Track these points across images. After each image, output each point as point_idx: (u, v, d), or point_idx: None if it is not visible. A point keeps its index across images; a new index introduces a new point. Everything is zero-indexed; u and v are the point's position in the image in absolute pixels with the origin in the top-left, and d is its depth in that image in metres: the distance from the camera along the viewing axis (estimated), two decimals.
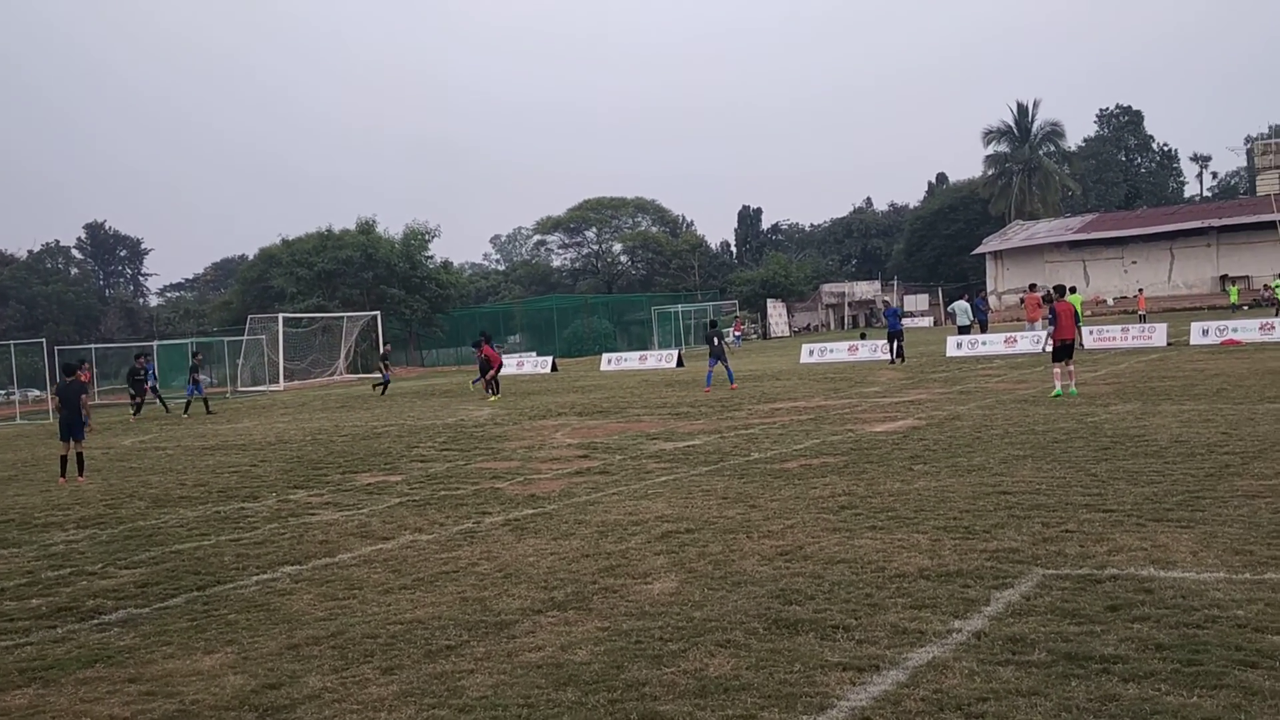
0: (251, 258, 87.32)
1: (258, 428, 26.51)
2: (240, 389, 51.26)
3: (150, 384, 35.30)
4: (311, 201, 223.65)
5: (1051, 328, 20.51)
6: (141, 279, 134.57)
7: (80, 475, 17.05)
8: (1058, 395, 19.22)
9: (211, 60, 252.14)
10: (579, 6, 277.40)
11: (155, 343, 55.83)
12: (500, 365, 33.13)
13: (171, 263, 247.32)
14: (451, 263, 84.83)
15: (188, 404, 34.43)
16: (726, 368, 28.38)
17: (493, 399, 30.71)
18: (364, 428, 23.80)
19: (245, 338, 54.69)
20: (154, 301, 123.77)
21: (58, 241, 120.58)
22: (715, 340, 28.42)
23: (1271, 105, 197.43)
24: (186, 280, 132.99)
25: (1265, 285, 63.90)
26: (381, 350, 37.81)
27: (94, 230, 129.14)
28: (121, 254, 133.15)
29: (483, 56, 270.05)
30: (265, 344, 53.09)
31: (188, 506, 13.47)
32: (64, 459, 17.14)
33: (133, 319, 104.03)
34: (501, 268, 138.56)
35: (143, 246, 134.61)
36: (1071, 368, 19.91)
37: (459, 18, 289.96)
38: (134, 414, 33.64)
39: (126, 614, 8.06)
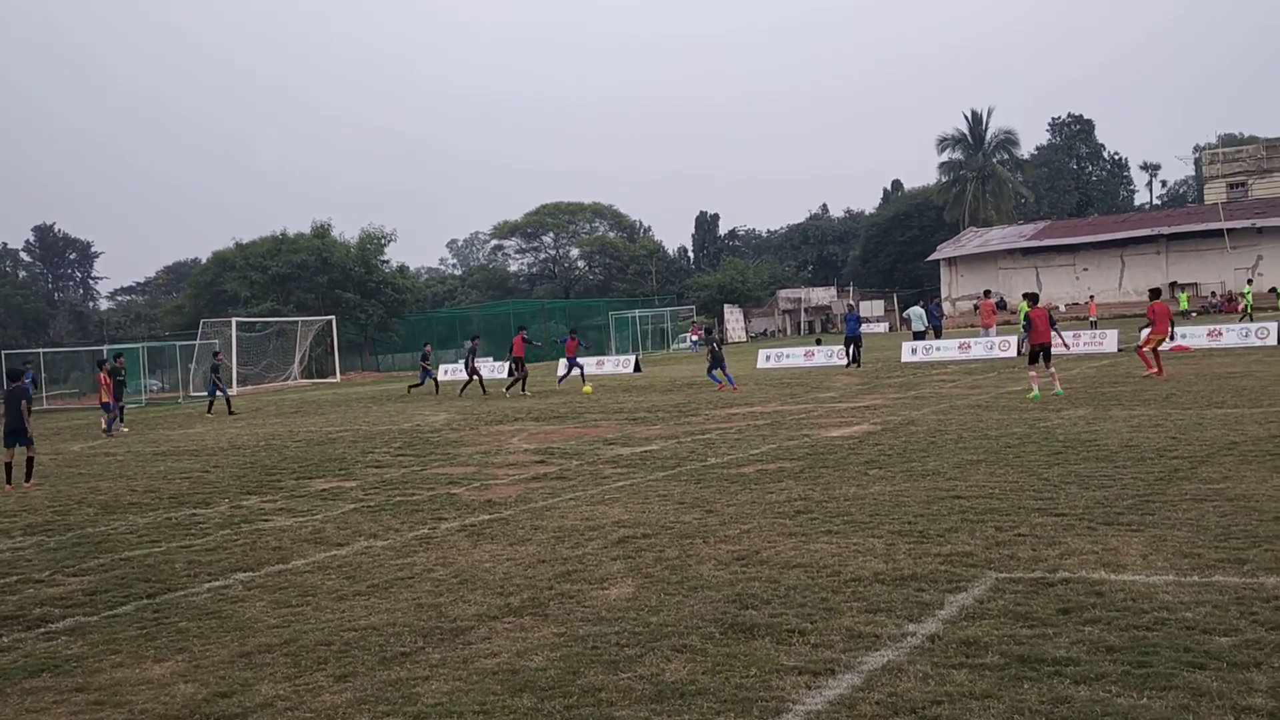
0: (204, 261, 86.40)
1: (210, 433, 26.20)
2: (193, 394, 50.65)
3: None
4: (265, 199, 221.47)
5: (1025, 334, 21.17)
6: (91, 282, 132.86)
7: (27, 481, 16.77)
8: (1036, 398, 19.54)
9: (171, 41, 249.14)
10: (539, 7, 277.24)
11: (105, 347, 55.02)
12: (524, 368, 32.21)
13: (122, 266, 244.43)
14: (408, 267, 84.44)
15: (210, 403, 33.95)
16: (725, 372, 28.57)
17: (527, 395, 31.15)
18: (318, 433, 23.59)
19: (198, 342, 54.06)
20: (104, 305, 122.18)
21: (5, 244, 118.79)
22: (715, 347, 29.32)
23: (1220, 115, 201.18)
24: (138, 284, 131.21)
25: (1230, 293, 65.02)
26: (423, 351, 37.71)
27: (42, 233, 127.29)
28: (71, 257, 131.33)
29: (444, 53, 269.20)
30: (219, 348, 52.48)
31: (138, 513, 13.28)
32: (8, 465, 16.84)
33: (82, 323, 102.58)
34: (458, 272, 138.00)
35: (93, 250, 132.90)
36: (1052, 369, 20.53)
37: (419, 12, 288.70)
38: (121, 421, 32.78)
39: (74, 622, 7.93)
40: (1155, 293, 23.38)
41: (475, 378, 34.05)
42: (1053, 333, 20.95)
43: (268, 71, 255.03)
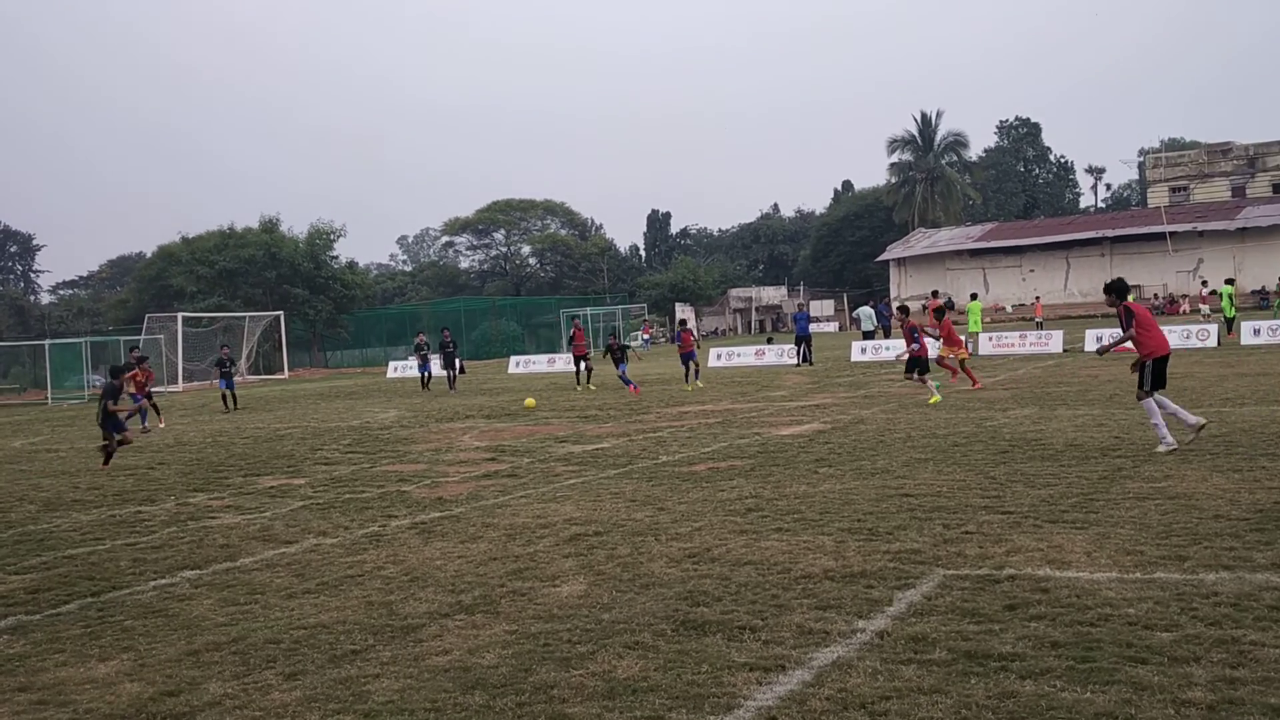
0: (150, 255, 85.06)
1: (155, 429, 25.84)
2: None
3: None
4: (213, 192, 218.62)
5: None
6: (33, 276, 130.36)
7: None
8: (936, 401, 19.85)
9: (119, 34, 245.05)
10: (495, 7, 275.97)
11: (47, 341, 54.05)
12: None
13: (65, 260, 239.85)
14: (357, 263, 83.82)
15: (224, 397, 32.31)
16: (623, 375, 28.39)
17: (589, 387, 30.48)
18: (266, 430, 23.35)
19: (143, 337, 53.20)
20: (46, 299, 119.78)
21: None
22: (619, 349, 29.06)
23: (1164, 119, 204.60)
24: (81, 278, 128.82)
25: (1172, 295, 66.16)
26: (416, 341, 36.82)
27: None
28: (12, 250, 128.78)
29: (395, 50, 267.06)
30: (164, 344, 51.77)
31: (81, 510, 13.07)
32: None
33: (23, 317, 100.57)
34: (409, 269, 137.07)
35: (35, 243, 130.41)
36: (926, 378, 20.94)
37: (368, 11, 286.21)
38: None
39: (16, 621, 7.79)
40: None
41: (450, 371, 34.00)
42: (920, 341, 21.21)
43: (214, 67, 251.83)
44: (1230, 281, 41.43)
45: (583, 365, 31.42)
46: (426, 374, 35.61)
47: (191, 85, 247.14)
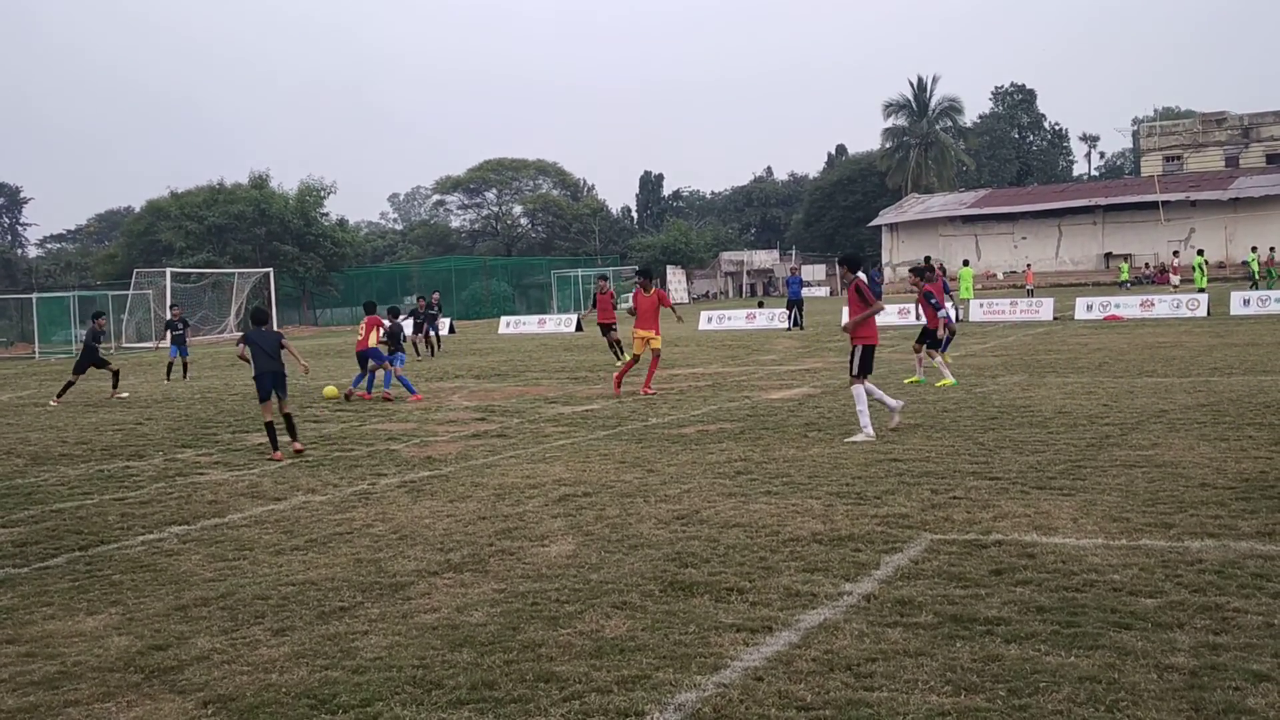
0: (138, 210, 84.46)
1: (143, 385, 25.78)
2: (125, 345, 49.74)
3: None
4: (202, 148, 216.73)
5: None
6: (20, 229, 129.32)
7: None
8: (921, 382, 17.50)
9: None
10: None
11: (35, 295, 53.78)
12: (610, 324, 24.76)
13: (53, 213, 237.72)
14: (347, 220, 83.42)
15: (170, 365, 30.57)
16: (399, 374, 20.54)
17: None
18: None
19: (131, 292, 52.99)
20: (33, 253, 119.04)
21: None
22: (400, 335, 21.69)
23: (1158, 88, 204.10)
24: (69, 231, 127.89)
25: (1163, 265, 66.17)
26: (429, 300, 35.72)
27: None
28: None
29: (389, 7, 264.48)
30: (152, 299, 51.50)
31: (69, 464, 13.05)
32: None
33: (10, 270, 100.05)
34: (399, 227, 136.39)
35: (22, 195, 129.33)
36: (936, 357, 17.63)
37: None
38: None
39: (4, 574, 7.79)
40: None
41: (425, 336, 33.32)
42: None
43: (205, 21, 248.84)
44: (1201, 252, 42.00)
45: (611, 335, 24.95)
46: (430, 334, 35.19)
47: (180, 40, 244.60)
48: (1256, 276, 44.75)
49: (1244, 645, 5.12)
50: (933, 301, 17.60)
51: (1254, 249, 47.71)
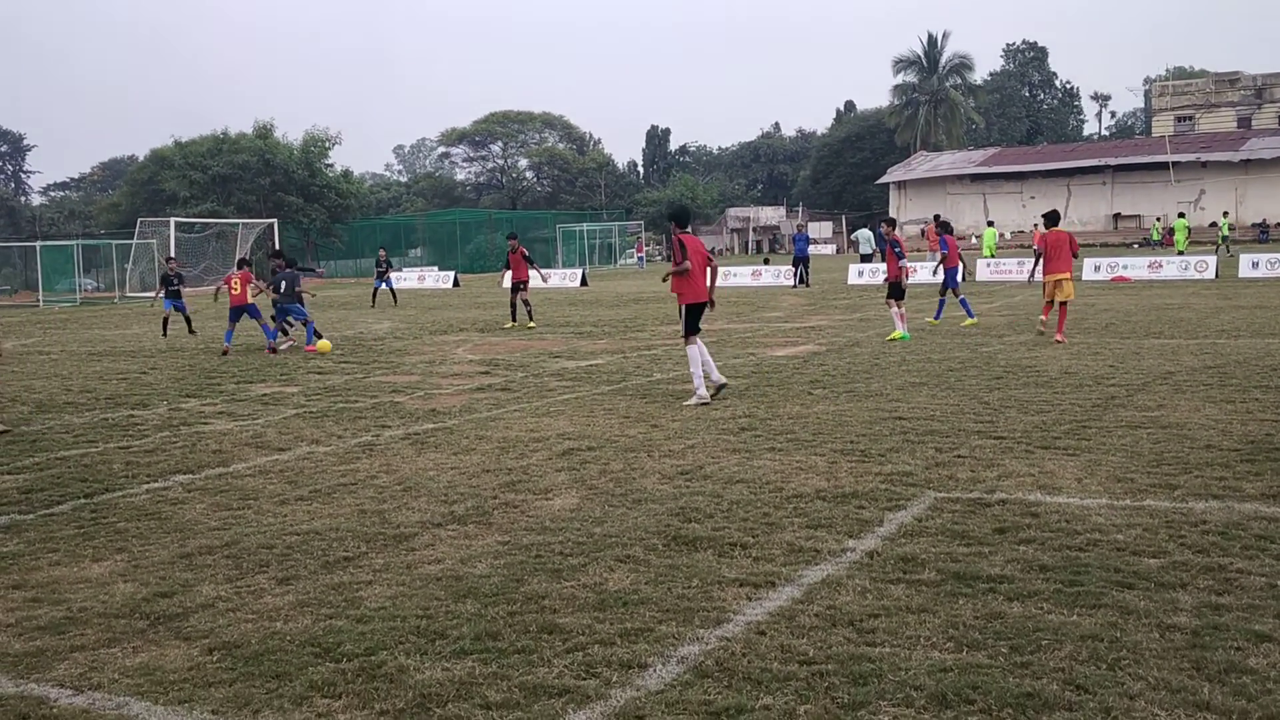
0: (142, 159, 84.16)
1: (148, 334, 25.80)
2: (129, 294, 49.73)
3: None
4: (206, 96, 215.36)
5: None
6: (23, 176, 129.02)
7: None
8: (904, 338, 17.80)
9: None
10: None
11: (39, 244, 53.69)
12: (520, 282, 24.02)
13: (56, 161, 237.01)
14: (352, 172, 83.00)
15: (166, 320, 29.01)
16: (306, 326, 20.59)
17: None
18: (259, 338, 23.27)
19: (135, 241, 52.89)
20: (37, 201, 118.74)
21: None
22: (283, 285, 20.59)
23: (1171, 48, 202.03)
24: (72, 180, 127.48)
25: (1171, 227, 65.83)
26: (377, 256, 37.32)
27: None
28: (2, 149, 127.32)
29: None
30: (156, 249, 51.40)
31: (74, 413, 13.06)
32: None
33: (14, 218, 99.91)
34: (404, 179, 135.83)
35: (25, 143, 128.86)
36: (902, 310, 18.14)
37: None
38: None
39: (10, 520, 7.82)
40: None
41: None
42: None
43: None
44: (1182, 215, 42.42)
45: (521, 294, 24.00)
46: (379, 288, 36.44)
47: None
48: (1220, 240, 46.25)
49: (1246, 606, 5.12)
50: (897, 250, 18.28)
51: (1225, 214, 48.80)
